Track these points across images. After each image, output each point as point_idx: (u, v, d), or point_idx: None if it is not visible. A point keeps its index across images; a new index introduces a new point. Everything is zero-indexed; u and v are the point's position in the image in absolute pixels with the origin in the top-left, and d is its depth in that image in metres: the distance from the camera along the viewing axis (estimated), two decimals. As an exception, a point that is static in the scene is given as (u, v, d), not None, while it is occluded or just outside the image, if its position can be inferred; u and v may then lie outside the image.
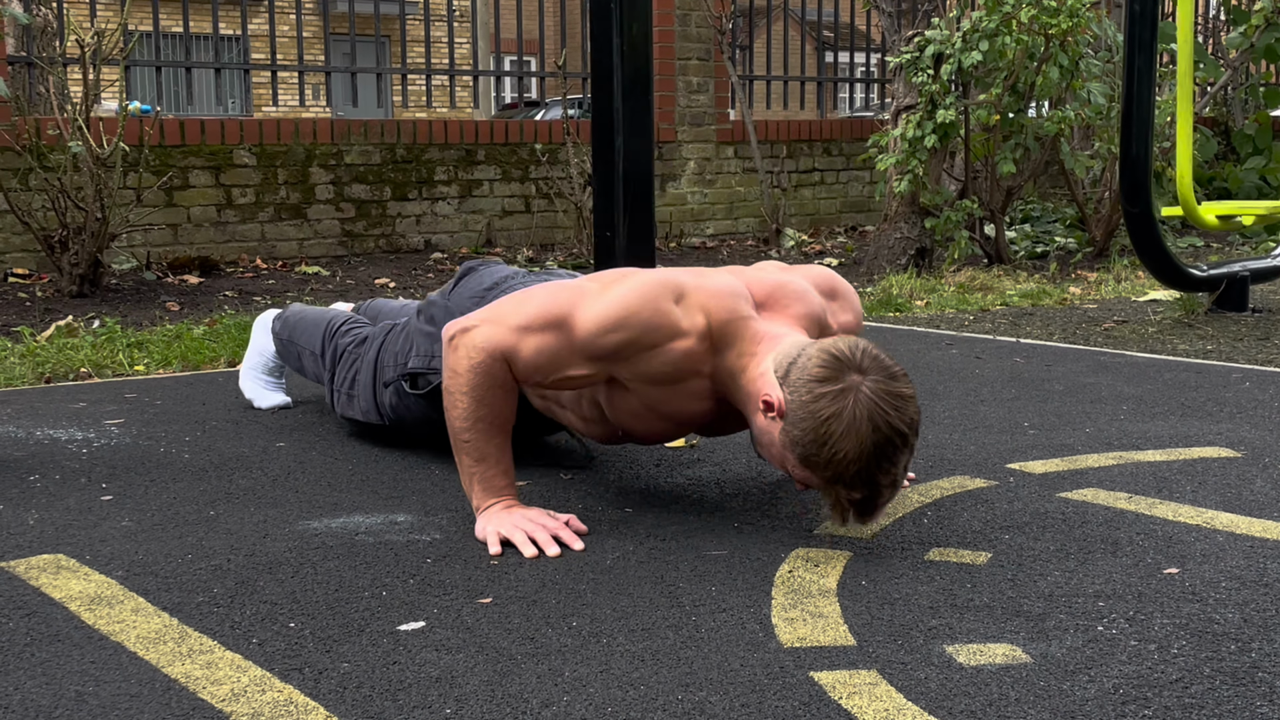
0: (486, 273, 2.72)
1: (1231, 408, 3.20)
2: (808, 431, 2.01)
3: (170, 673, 1.65)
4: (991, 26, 6.16)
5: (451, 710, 1.53)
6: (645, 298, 2.16)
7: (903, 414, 2.00)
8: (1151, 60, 4.45)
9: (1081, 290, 5.76)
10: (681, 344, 2.16)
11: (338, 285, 6.14)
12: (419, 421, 2.74)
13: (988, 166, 6.63)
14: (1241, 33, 9.22)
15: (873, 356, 2.04)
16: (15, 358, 4.00)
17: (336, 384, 2.92)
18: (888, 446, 1.98)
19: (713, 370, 2.19)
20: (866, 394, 1.99)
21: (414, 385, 2.69)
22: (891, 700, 1.55)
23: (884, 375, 2.02)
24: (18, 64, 6.90)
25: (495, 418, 2.21)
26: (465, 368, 2.18)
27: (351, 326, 2.98)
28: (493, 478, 2.23)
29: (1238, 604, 1.86)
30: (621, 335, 2.15)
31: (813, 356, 2.06)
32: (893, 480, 2.02)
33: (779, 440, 2.07)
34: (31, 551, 2.14)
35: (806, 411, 2.01)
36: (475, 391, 2.18)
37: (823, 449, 1.99)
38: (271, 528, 2.27)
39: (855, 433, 1.97)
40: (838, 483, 2.02)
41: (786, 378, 2.07)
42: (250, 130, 6.92)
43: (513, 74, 9.31)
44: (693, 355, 2.17)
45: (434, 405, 2.64)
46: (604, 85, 3.36)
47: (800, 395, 2.03)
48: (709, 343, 2.17)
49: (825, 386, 2.01)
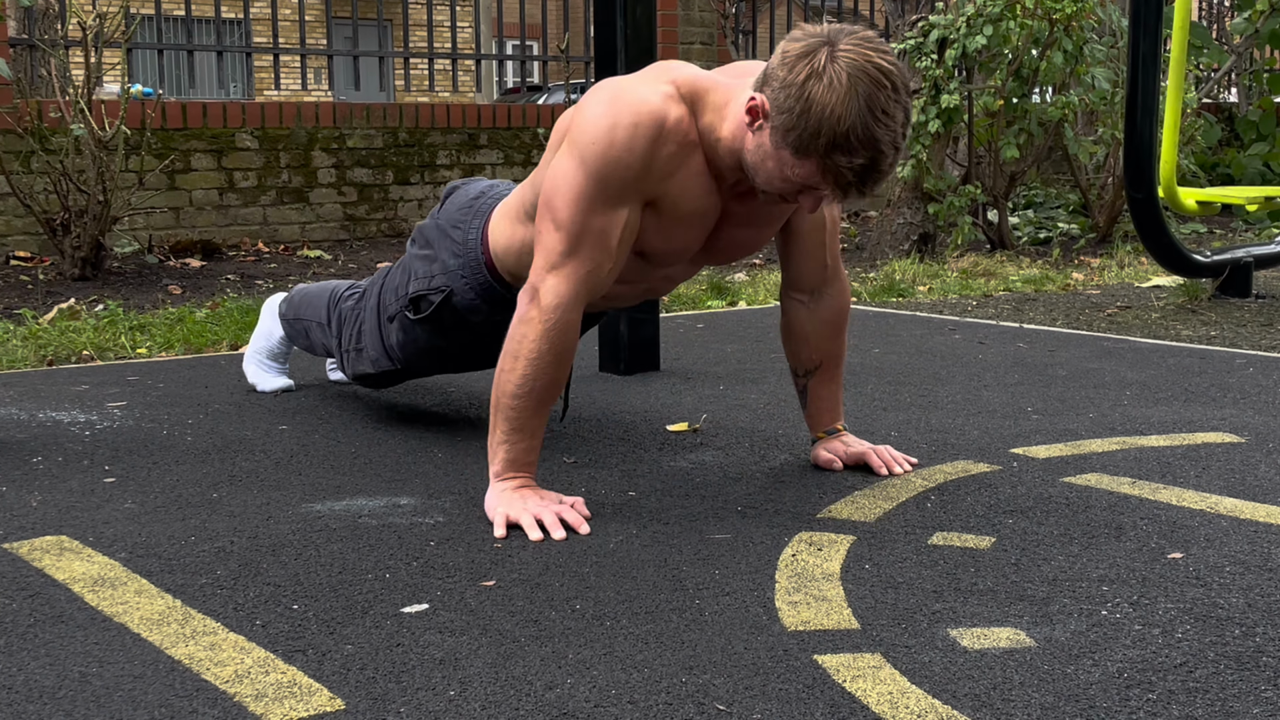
0: (471, 186, 2.71)
1: (1235, 393, 3.20)
2: (793, 108, 1.97)
3: (174, 654, 1.65)
4: (996, 11, 6.14)
5: (455, 692, 1.53)
6: (614, 104, 2.14)
7: (883, 57, 1.96)
8: (1156, 45, 4.44)
9: (1085, 276, 5.75)
10: (669, 118, 2.13)
11: (340, 269, 6.13)
12: (427, 353, 2.72)
13: (991, 152, 6.61)
14: (1246, 18, 9.19)
15: (838, 27, 2.01)
16: (17, 340, 4.00)
17: (344, 344, 2.90)
18: (877, 92, 1.94)
19: (700, 136, 2.16)
20: (843, 49, 1.96)
21: (417, 311, 2.67)
22: (895, 684, 1.55)
23: (854, 34, 1.99)
24: (19, 46, 6.89)
25: (549, 390, 2.19)
26: (539, 333, 2.16)
27: (353, 290, 2.97)
28: (523, 452, 2.22)
29: (1242, 589, 1.86)
30: (622, 145, 2.12)
31: (781, 47, 2.03)
32: (893, 138, 1.97)
33: (770, 144, 2.03)
34: (35, 533, 2.14)
35: (785, 88, 1.98)
36: (542, 359, 2.16)
37: (810, 115, 1.95)
38: (275, 510, 2.27)
39: (838, 85, 1.93)
40: (835, 151, 1.96)
41: (764, 81, 2.04)
42: (252, 114, 6.91)
43: (515, 58, 9.29)
44: (682, 124, 2.14)
45: (439, 329, 2.63)
46: (608, 69, 3.35)
47: (777, 79, 2.00)
48: (685, 104, 2.15)
49: (799, 58, 1.98)
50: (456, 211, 2.64)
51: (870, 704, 1.50)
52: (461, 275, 2.58)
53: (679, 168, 2.17)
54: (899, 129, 1.98)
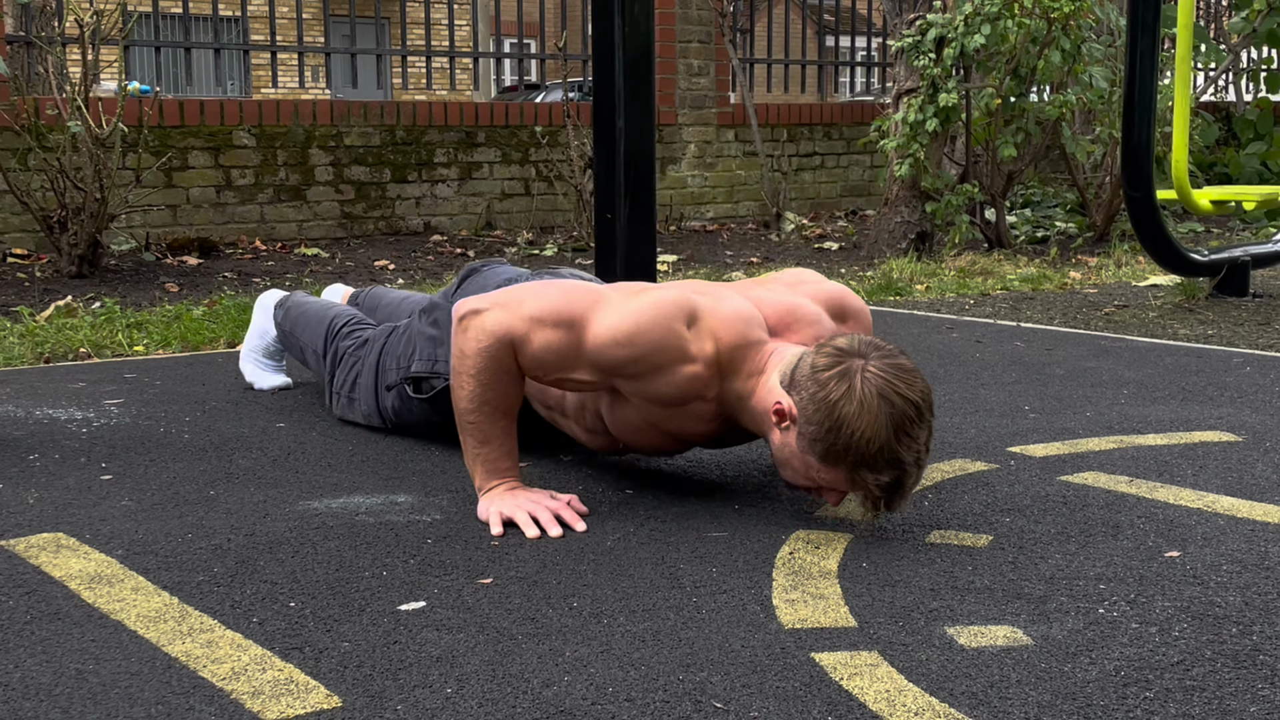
0: (490, 273, 2.70)
1: (1232, 392, 3.20)
2: (822, 423, 2.01)
3: (170, 651, 1.65)
4: (994, 10, 6.14)
5: (452, 690, 1.53)
6: (659, 317, 2.15)
7: (911, 383, 2.00)
8: (1154, 44, 4.44)
9: (1082, 275, 5.75)
10: (688, 369, 2.15)
11: (337, 267, 6.13)
12: (421, 424, 2.73)
13: (989, 151, 6.61)
14: (1244, 17, 9.20)
15: (869, 342, 2.05)
16: (14, 337, 3.99)
17: (336, 386, 2.91)
18: (904, 419, 1.98)
19: (719, 394, 2.19)
20: (872, 371, 2.00)
21: (417, 389, 2.69)
22: (893, 681, 1.55)
23: (884, 353, 2.03)
24: (16, 43, 6.88)
25: (501, 401, 2.20)
26: (473, 350, 2.17)
27: (354, 329, 2.96)
28: (496, 459, 2.22)
29: (1239, 587, 1.86)
30: (630, 351, 2.14)
31: (812, 354, 2.07)
32: (917, 457, 2.01)
33: (797, 447, 2.07)
34: (31, 530, 2.14)
35: (816, 403, 2.02)
36: (482, 375, 2.17)
37: (840, 434, 1.99)
38: (272, 508, 2.27)
39: (868, 409, 1.97)
40: (862, 467, 2.01)
41: (792, 382, 2.07)
42: (250, 111, 6.91)
43: (513, 56, 9.29)
44: (698, 380, 2.16)
45: (437, 409, 2.63)
46: (605, 67, 3.35)
47: (807, 390, 2.03)
48: (716, 369, 2.17)
49: (829, 373, 2.01)
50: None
51: (867, 702, 1.50)
52: None
53: (678, 404, 2.19)
54: (923, 448, 2.02)
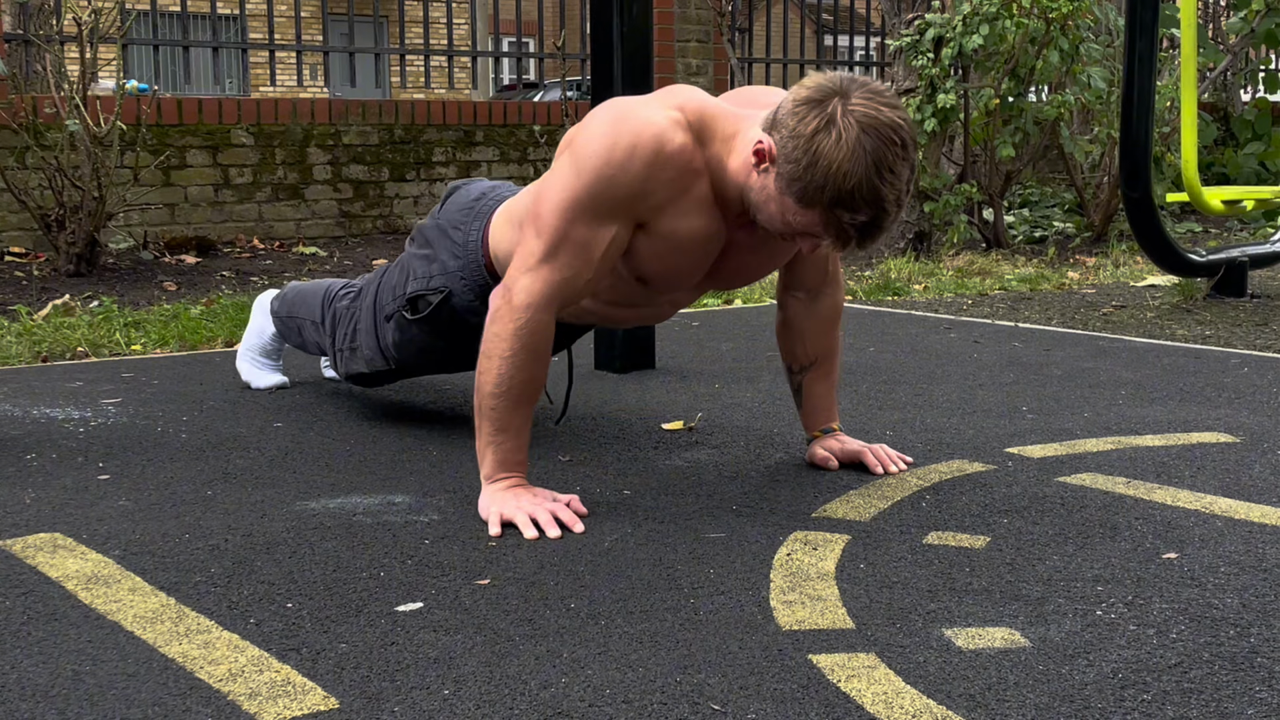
0: (472, 187, 2.70)
1: (1230, 393, 3.20)
2: (800, 159, 1.96)
3: (167, 652, 1.65)
4: (992, 10, 6.14)
5: (449, 691, 1.53)
6: (618, 127, 2.13)
7: (894, 113, 1.96)
8: (1152, 44, 4.44)
9: (1080, 275, 5.75)
10: (670, 144, 2.11)
11: (335, 266, 6.13)
12: (424, 353, 2.71)
13: (987, 151, 6.61)
14: (1242, 18, 9.20)
15: (850, 78, 2.00)
16: (12, 336, 3.99)
17: (338, 343, 2.89)
18: (885, 153, 1.94)
19: (705, 164, 2.15)
20: (854, 103, 1.95)
21: (415, 310, 2.67)
22: (890, 683, 1.55)
23: (867, 89, 1.98)
24: (15, 42, 6.88)
25: (525, 389, 2.19)
26: (510, 332, 2.16)
27: (348, 289, 2.97)
28: (510, 452, 2.21)
29: (1236, 589, 1.86)
30: (618, 168, 2.11)
31: (792, 91, 2.03)
32: (897, 195, 1.97)
33: (775, 188, 2.03)
34: (28, 530, 2.14)
35: (794, 138, 1.97)
36: (516, 358, 2.16)
37: (817, 168, 1.95)
38: (269, 508, 2.27)
39: (846, 140, 1.93)
40: (839, 206, 1.96)
41: (773, 124, 2.04)
42: (248, 110, 6.90)
43: (511, 55, 9.28)
44: (685, 150, 2.13)
45: (436, 330, 2.63)
46: (603, 66, 3.35)
47: (786, 127, 1.99)
48: (692, 133, 2.14)
49: (809, 108, 1.97)
50: (457, 212, 2.63)
51: (865, 704, 1.50)
52: (461, 276, 2.58)
53: (679, 194, 2.16)
54: (904, 186, 1.98)
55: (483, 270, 2.56)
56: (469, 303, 2.58)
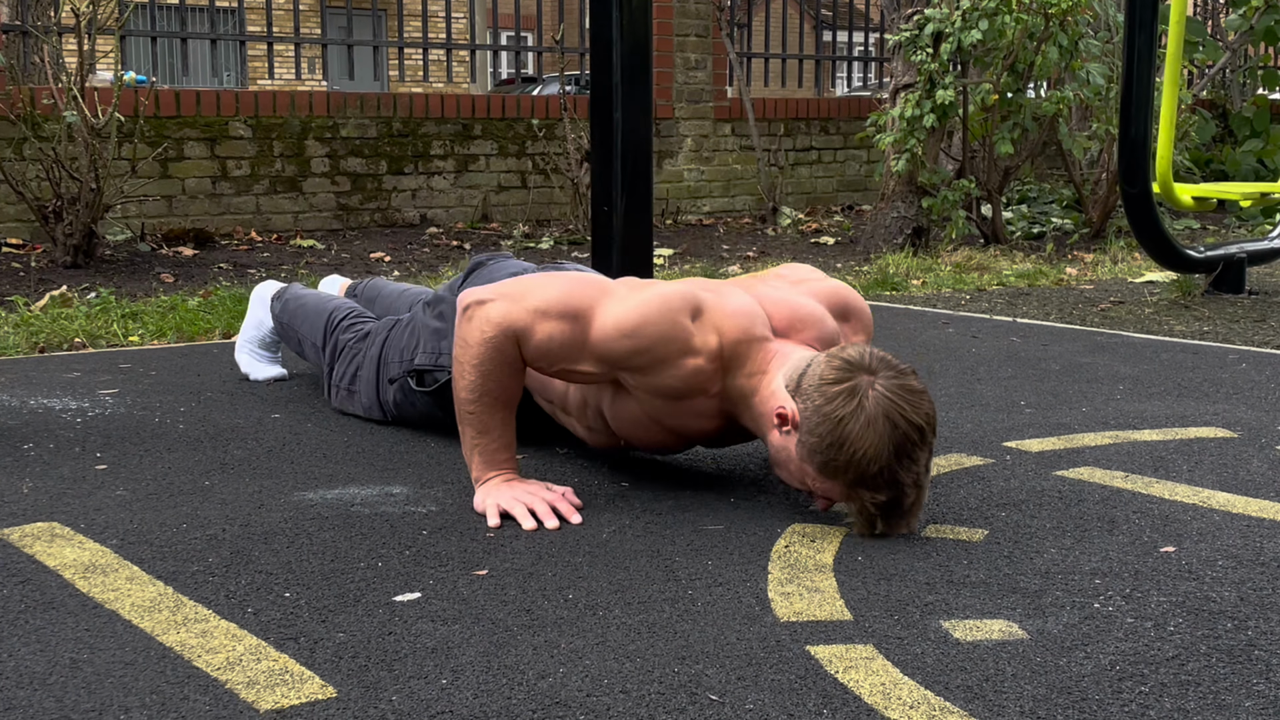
0: (496, 267, 2.70)
1: (1228, 388, 3.20)
2: (824, 436, 2.00)
3: (165, 641, 1.65)
4: (991, 5, 6.14)
5: (447, 681, 1.53)
6: (664, 310, 2.15)
7: (918, 407, 1.99)
8: (1151, 40, 4.44)
9: (1078, 271, 5.76)
10: (692, 362, 2.14)
11: (333, 259, 6.12)
12: (423, 417, 2.73)
13: (985, 146, 6.61)
14: (1241, 15, 9.20)
15: (880, 358, 2.04)
16: (9, 327, 3.99)
17: (335, 379, 2.90)
18: (906, 441, 1.98)
19: (721, 390, 2.19)
20: (880, 390, 1.98)
21: (420, 382, 2.68)
22: (888, 674, 1.55)
23: (894, 373, 2.02)
24: (12, 32, 6.87)
25: (501, 392, 2.20)
26: (476, 340, 2.17)
27: (353, 321, 2.96)
28: (494, 451, 2.22)
29: (1234, 582, 1.86)
30: (634, 343, 2.14)
31: (822, 363, 2.06)
32: (915, 479, 2.01)
33: (796, 453, 2.06)
34: (26, 519, 2.14)
35: (820, 415, 2.01)
36: (483, 365, 2.17)
37: (841, 450, 1.98)
38: (267, 498, 2.27)
39: (872, 428, 1.96)
40: (860, 486, 2.01)
41: (798, 389, 2.06)
42: (246, 102, 6.89)
43: (510, 49, 9.27)
44: (702, 373, 2.16)
45: (440, 402, 2.63)
46: (603, 60, 3.35)
47: (813, 401, 2.02)
48: (719, 363, 2.16)
49: (837, 388, 2.00)
50: None
51: (863, 695, 1.50)
52: None
53: (681, 397, 2.18)
54: (922, 470, 2.02)
55: None
56: None
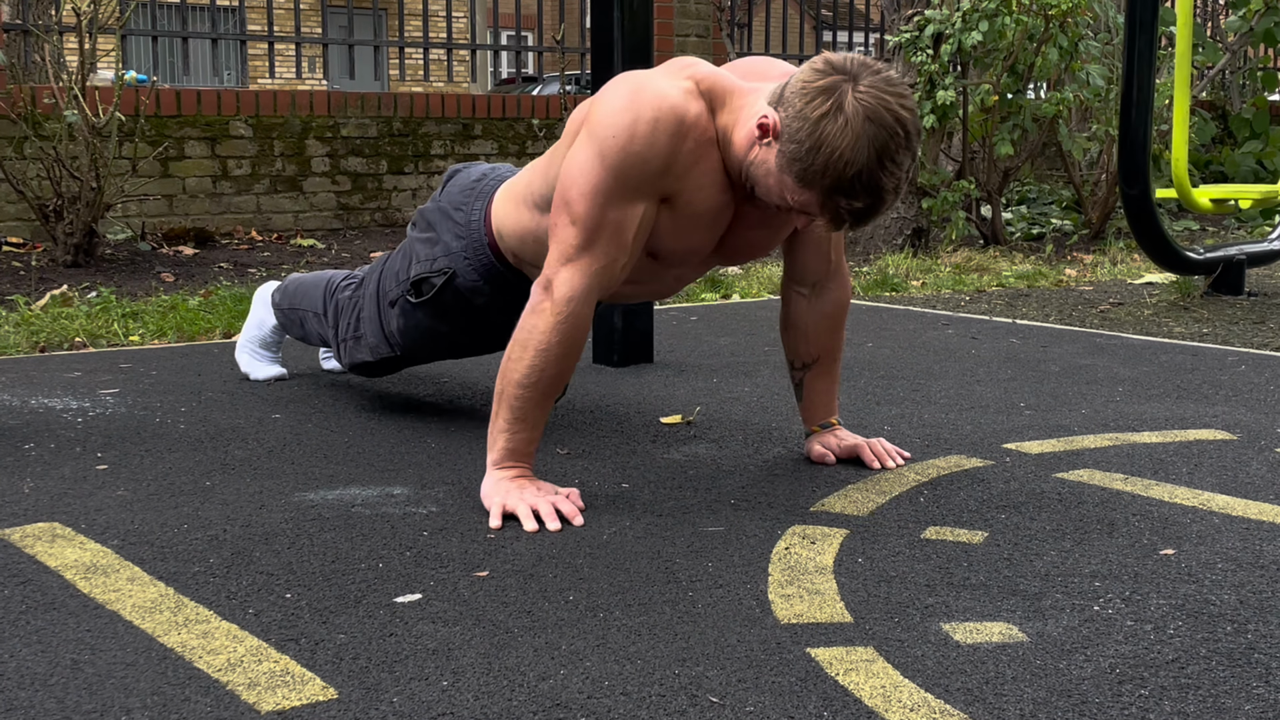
0: (472, 169, 2.70)
1: (1227, 390, 3.20)
2: (803, 141, 1.96)
3: (166, 642, 1.65)
4: (991, 7, 6.14)
5: (448, 682, 1.53)
6: (634, 97, 2.12)
7: (901, 102, 1.95)
8: (1151, 42, 4.44)
9: (1077, 272, 5.76)
10: (689, 114, 2.11)
11: (333, 258, 6.12)
12: (428, 337, 2.71)
13: (985, 147, 6.61)
14: (1241, 16, 9.20)
15: (863, 62, 2.00)
16: (10, 326, 3.99)
17: (341, 333, 2.89)
18: (889, 143, 1.94)
19: (716, 134, 2.15)
20: (862, 89, 1.94)
21: (419, 294, 2.66)
22: (888, 677, 1.55)
23: (877, 74, 1.97)
24: (13, 31, 6.87)
25: (555, 381, 2.20)
26: (550, 325, 2.15)
27: (349, 279, 2.97)
28: (522, 443, 2.22)
29: (1234, 585, 1.86)
30: (643, 139, 2.10)
31: (803, 70, 2.02)
32: (896, 185, 1.97)
33: (775, 165, 2.03)
34: (27, 520, 2.14)
35: (799, 119, 1.97)
36: (551, 351, 2.16)
37: (819, 152, 1.95)
38: (268, 499, 2.27)
39: (851, 128, 1.92)
40: (837, 192, 1.97)
41: (780, 99, 2.03)
42: (246, 102, 6.89)
43: (510, 48, 9.27)
44: (701, 120, 2.12)
45: (441, 312, 2.62)
46: (603, 60, 3.35)
47: (792, 106, 1.99)
48: (704, 101, 2.13)
49: (817, 84, 1.96)
50: (459, 194, 2.64)
51: (863, 697, 1.50)
52: (464, 256, 2.58)
53: (696, 165, 2.16)
54: (903, 176, 1.98)
55: (486, 249, 2.56)
56: (473, 283, 2.58)
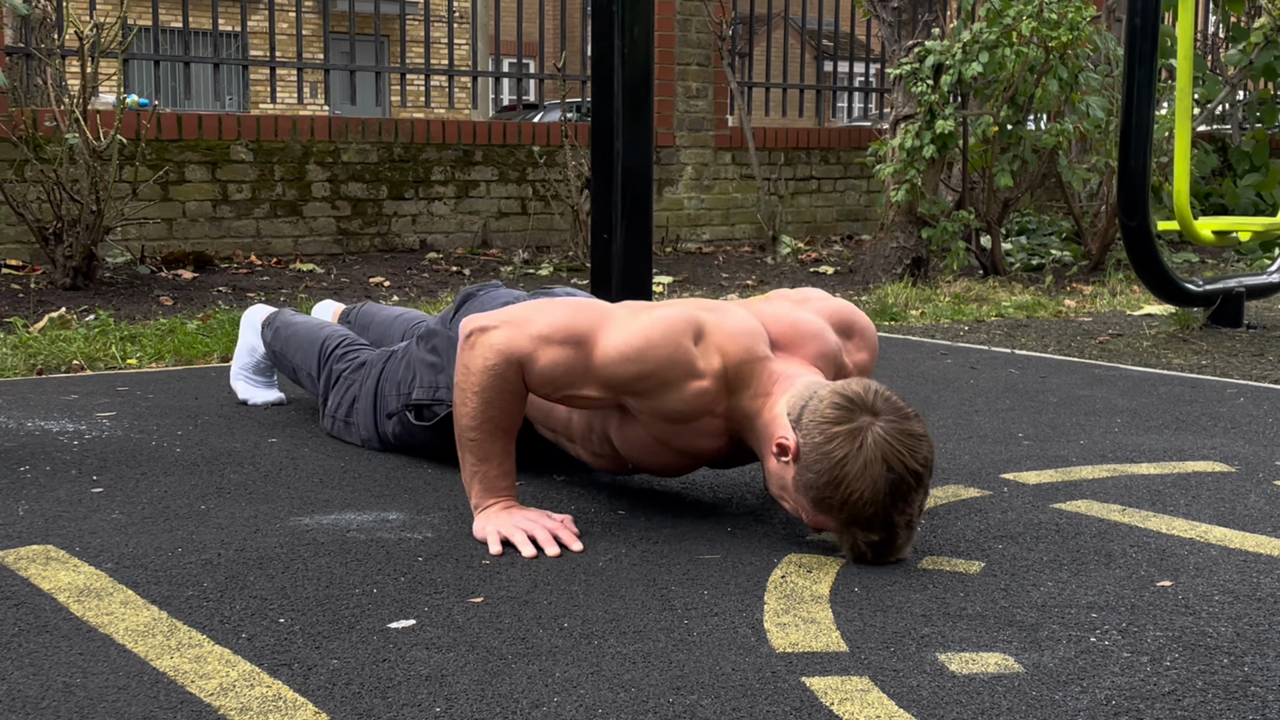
0: (487, 297, 2.70)
1: (1226, 422, 3.20)
2: (821, 474, 2.00)
3: (159, 666, 1.64)
4: (992, 38, 6.17)
5: (441, 709, 1.53)
6: (667, 333, 2.15)
7: (916, 454, 1.99)
8: (1151, 74, 4.45)
9: (1076, 303, 5.76)
10: (696, 384, 2.15)
11: (332, 283, 6.13)
12: (423, 448, 2.73)
13: (985, 178, 6.63)
14: (1240, 50, 9.24)
15: (885, 398, 2.04)
16: (7, 349, 3.99)
17: (330, 409, 2.90)
18: (902, 486, 1.98)
19: (726, 410, 2.19)
20: (880, 434, 1.98)
21: (419, 416, 2.68)
22: (883, 707, 1.54)
23: (897, 416, 2.01)
24: (16, 55, 6.89)
25: (503, 419, 2.20)
26: (479, 367, 2.17)
27: (347, 350, 2.95)
28: (495, 478, 2.22)
29: (1230, 618, 1.85)
30: (638, 367, 2.14)
31: (825, 398, 2.05)
32: (909, 521, 2.02)
33: (792, 483, 2.07)
34: (21, 542, 2.13)
35: (820, 454, 2.01)
36: (485, 393, 2.17)
37: (837, 491, 1.99)
38: (263, 523, 2.26)
39: (869, 474, 1.97)
40: (854, 525, 2.02)
41: (799, 420, 2.06)
42: (248, 126, 6.91)
43: (511, 75, 9.30)
44: (706, 395, 2.16)
45: (440, 435, 2.62)
46: (604, 88, 3.36)
47: (813, 437, 2.02)
48: (724, 383, 2.16)
49: (838, 427, 2.00)
50: None
51: (858, 727, 1.49)
52: None
53: (686, 420, 2.19)
54: (915, 512, 2.03)
55: None
56: None
